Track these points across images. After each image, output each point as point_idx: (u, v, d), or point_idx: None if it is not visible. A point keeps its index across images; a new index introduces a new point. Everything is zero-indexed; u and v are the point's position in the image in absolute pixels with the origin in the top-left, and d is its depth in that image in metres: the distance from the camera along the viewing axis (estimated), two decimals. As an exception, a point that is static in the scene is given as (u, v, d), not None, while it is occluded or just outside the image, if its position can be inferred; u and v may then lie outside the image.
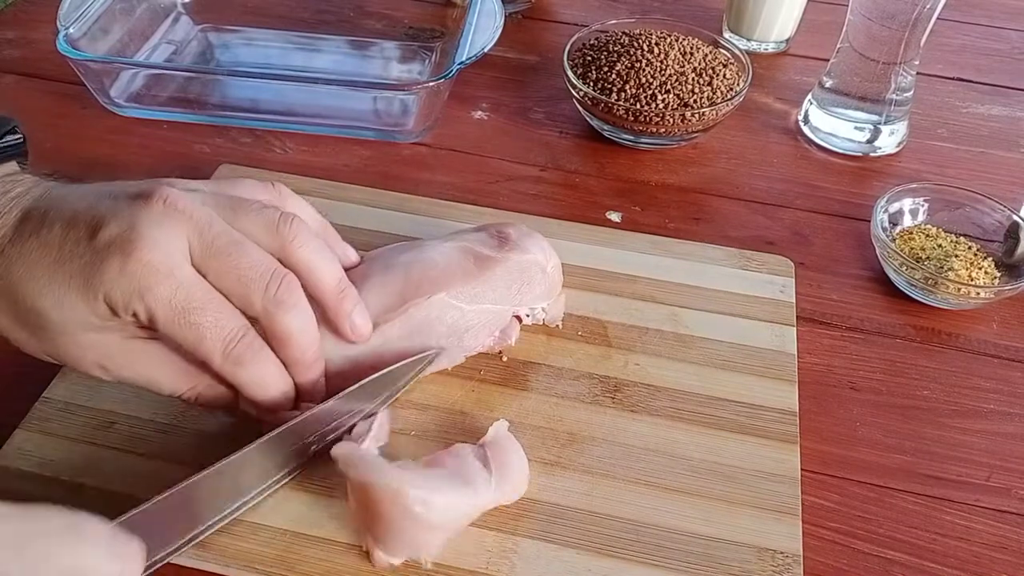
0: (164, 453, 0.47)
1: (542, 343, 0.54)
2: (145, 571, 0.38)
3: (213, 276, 0.40)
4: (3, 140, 0.49)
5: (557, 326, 0.55)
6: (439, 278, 0.50)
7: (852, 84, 0.71)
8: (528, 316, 0.54)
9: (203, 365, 0.41)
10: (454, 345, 0.51)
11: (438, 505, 0.42)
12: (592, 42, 0.75)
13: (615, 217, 0.66)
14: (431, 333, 0.50)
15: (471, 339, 0.51)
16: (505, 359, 0.53)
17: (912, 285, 0.60)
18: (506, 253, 0.52)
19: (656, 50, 0.71)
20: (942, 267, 0.59)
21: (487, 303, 0.51)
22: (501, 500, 0.45)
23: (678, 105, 0.69)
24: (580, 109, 0.73)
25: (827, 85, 0.73)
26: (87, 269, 0.38)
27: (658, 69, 0.70)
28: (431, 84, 0.68)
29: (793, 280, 0.59)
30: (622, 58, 0.71)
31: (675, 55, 0.71)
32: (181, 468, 0.47)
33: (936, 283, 0.58)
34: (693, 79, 0.70)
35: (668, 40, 0.72)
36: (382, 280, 0.49)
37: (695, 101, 0.69)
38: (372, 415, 0.46)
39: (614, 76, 0.70)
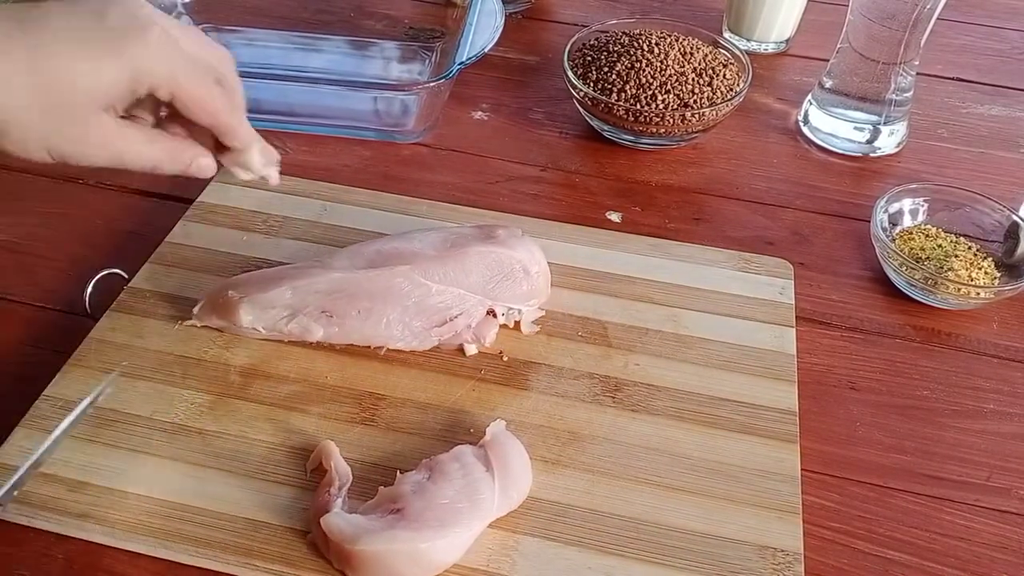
0: (163, 451, 0.48)
1: (542, 343, 0.54)
2: None
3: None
4: None
5: (536, 328, 0.55)
6: (409, 254, 0.52)
7: (852, 84, 0.71)
8: (503, 315, 0.54)
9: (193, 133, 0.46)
10: (423, 326, 0.52)
11: (452, 544, 0.42)
12: (592, 42, 0.75)
13: (615, 217, 0.66)
14: (396, 304, 0.52)
15: (441, 322, 0.52)
16: (506, 359, 0.53)
17: (912, 285, 0.60)
18: (487, 245, 0.53)
19: (656, 50, 0.71)
20: (942, 267, 0.59)
21: (459, 287, 0.52)
22: (509, 507, 0.45)
23: (678, 105, 0.69)
24: (580, 109, 0.73)
25: (827, 85, 0.73)
26: (119, 41, 0.41)
27: (658, 69, 0.70)
28: (431, 84, 0.68)
29: (792, 282, 0.59)
30: (622, 58, 0.71)
31: (675, 55, 0.71)
32: (181, 466, 0.47)
33: (936, 283, 0.58)
34: (693, 79, 0.70)
35: (668, 40, 0.72)
36: (356, 250, 0.53)
37: (695, 101, 0.69)
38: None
39: (614, 76, 0.70)
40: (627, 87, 0.69)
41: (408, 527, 0.42)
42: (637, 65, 0.70)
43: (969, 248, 0.62)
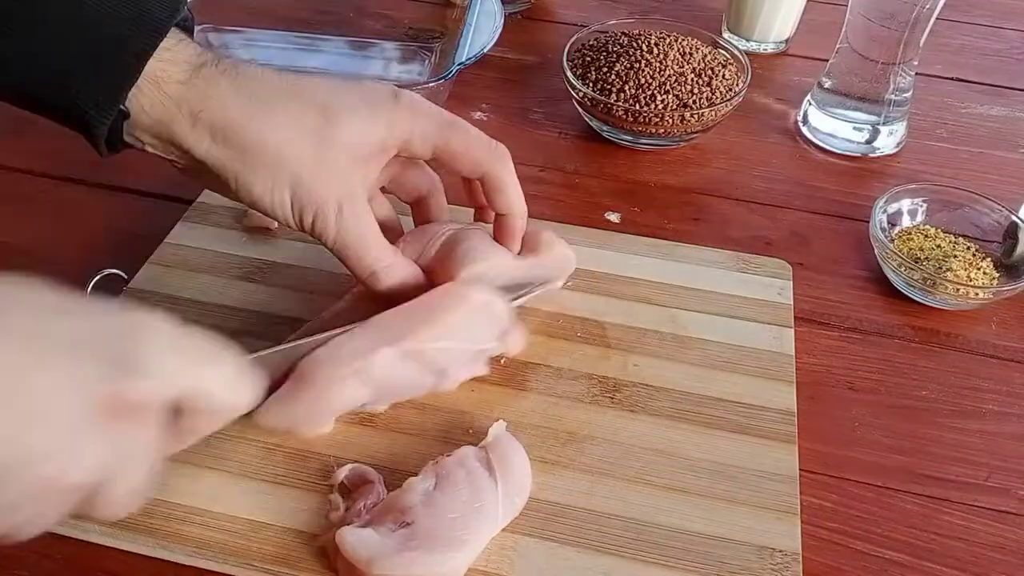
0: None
1: (541, 344, 0.54)
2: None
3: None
4: None
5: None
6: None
7: (851, 84, 0.71)
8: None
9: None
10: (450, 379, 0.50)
11: (465, 561, 0.42)
12: (591, 42, 0.75)
13: (614, 218, 0.66)
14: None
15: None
16: (504, 360, 0.53)
17: (911, 285, 0.60)
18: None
19: (655, 50, 0.71)
20: (941, 267, 0.59)
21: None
22: (513, 514, 0.45)
23: (677, 106, 0.69)
24: (579, 110, 0.73)
25: (826, 85, 0.73)
26: (374, 94, 0.46)
27: (657, 70, 0.70)
28: (431, 85, 0.68)
29: (791, 283, 0.59)
30: (621, 58, 0.71)
31: (674, 55, 0.71)
32: (181, 467, 0.47)
33: (935, 283, 0.58)
34: (692, 79, 0.70)
35: (667, 40, 0.72)
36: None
37: (694, 102, 0.69)
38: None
39: (613, 77, 0.70)
40: (626, 87, 0.69)
41: (421, 547, 0.41)
42: (636, 65, 0.70)
43: (968, 248, 0.62)
